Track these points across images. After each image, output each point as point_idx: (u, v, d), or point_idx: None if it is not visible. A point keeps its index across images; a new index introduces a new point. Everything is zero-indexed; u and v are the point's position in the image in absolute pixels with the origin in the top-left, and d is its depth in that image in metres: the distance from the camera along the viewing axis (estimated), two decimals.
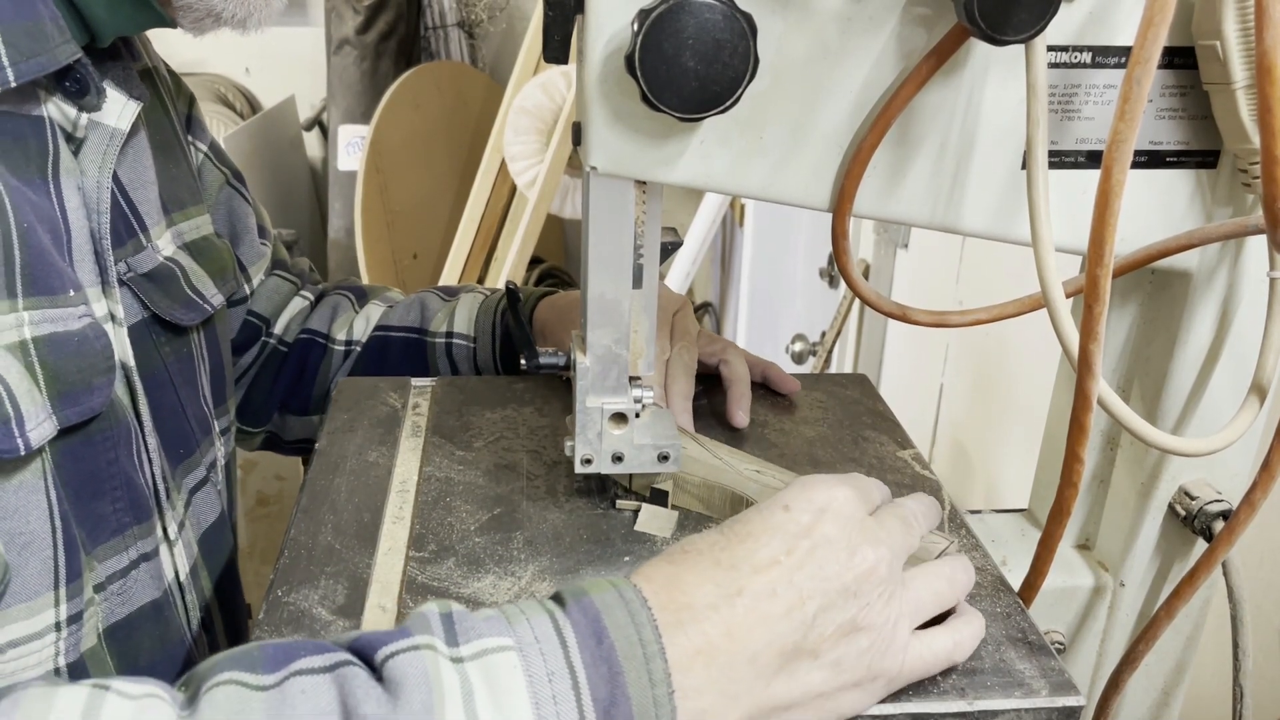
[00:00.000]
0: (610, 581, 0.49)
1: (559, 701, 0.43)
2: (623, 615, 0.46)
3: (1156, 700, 0.77)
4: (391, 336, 0.95)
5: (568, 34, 0.53)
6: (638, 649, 0.45)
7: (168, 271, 0.73)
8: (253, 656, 0.45)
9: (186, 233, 0.77)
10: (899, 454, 0.76)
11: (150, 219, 0.73)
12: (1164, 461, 0.69)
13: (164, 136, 0.77)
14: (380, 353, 0.95)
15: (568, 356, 0.66)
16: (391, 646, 0.45)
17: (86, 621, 0.61)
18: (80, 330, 0.60)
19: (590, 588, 0.48)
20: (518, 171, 2.56)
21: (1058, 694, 0.53)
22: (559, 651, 0.45)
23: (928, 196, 0.59)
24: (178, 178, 0.78)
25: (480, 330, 0.94)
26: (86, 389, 0.60)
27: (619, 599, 0.47)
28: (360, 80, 2.93)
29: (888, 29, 0.54)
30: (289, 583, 0.60)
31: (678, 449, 0.65)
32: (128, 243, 0.70)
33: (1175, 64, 0.57)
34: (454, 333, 0.94)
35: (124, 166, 0.70)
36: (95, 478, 0.62)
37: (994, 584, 0.61)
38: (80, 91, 0.63)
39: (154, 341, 0.71)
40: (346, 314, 0.98)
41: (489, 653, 0.44)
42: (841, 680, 0.49)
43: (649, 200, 0.60)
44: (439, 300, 0.98)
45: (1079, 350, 0.54)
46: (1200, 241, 0.58)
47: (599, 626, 0.46)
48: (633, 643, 0.45)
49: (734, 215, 2.74)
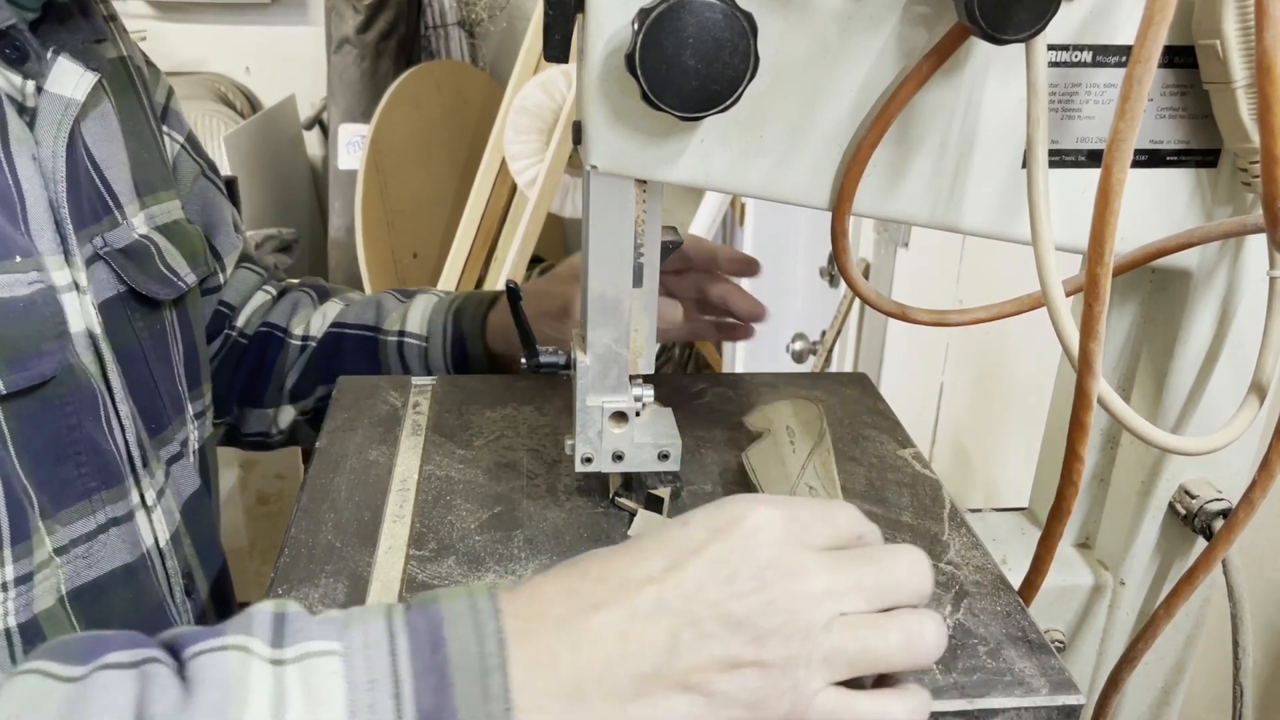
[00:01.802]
0: (468, 590, 0.46)
1: (376, 710, 0.41)
2: (466, 626, 0.44)
3: (1156, 699, 0.78)
4: (346, 333, 0.96)
5: (568, 33, 0.53)
6: (475, 661, 0.43)
7: (142, 248, 0.75)
8: (69, 647, 0.43)
9: (158, 216, 0.79)
10: (899, 453, 0.76)
11: (124, 197, 0.74)
12: (1164, 460, 0.69)
13: (136, 123, 0.78)
14: (334, 349, 0.95)
15: (568, 356, 0.66)
16: (199, 645, 0.43)
17: (40, 583, 0.62)
18: (29, 296, 0.61)
19: (444, 595, 0.46)
20: (518, 171, 2.56)
21: (1058, 693, 0.53)
22: (387, 659, 0.43)
23: (928, 195, 0.59)
24: (149, 163, 0.79)
25: (432, 330, 0.94)
26: (35, 353, 0.61)
27: (469, 608, 0.45)
28: (360, 79, 2.92)
29: (888, 28, 0.54)
30: (289, 581, 0.60)
31: (678, 448, 0.66)
32: (103, 219, 0.71)
33: (1175, 63, 0.57)
34: (406, 331, 0.95)
35: (97, 145, 0.72)
36: (56, 443, 0.63)
37: (994, 583, 0.61)
38: (20, 58, 0.64)
39: (128, 316, 0.73)
40: (306, 310, 0.98)
41: (311, 656, 0.43)
42: (714, 715, 0.45)
43: (649, 199, 0.60)
44: (395, 301, 0.98)
45: (1079, 349, 0.54)
46: (1200, 240, 0.58)
47: (437, 636, 0.43)
48: (470, 655, 0.43)
49: (734, 215, 2.74)
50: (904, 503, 0.70)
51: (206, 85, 3.12)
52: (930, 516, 0.68)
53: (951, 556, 0.64)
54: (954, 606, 0.59)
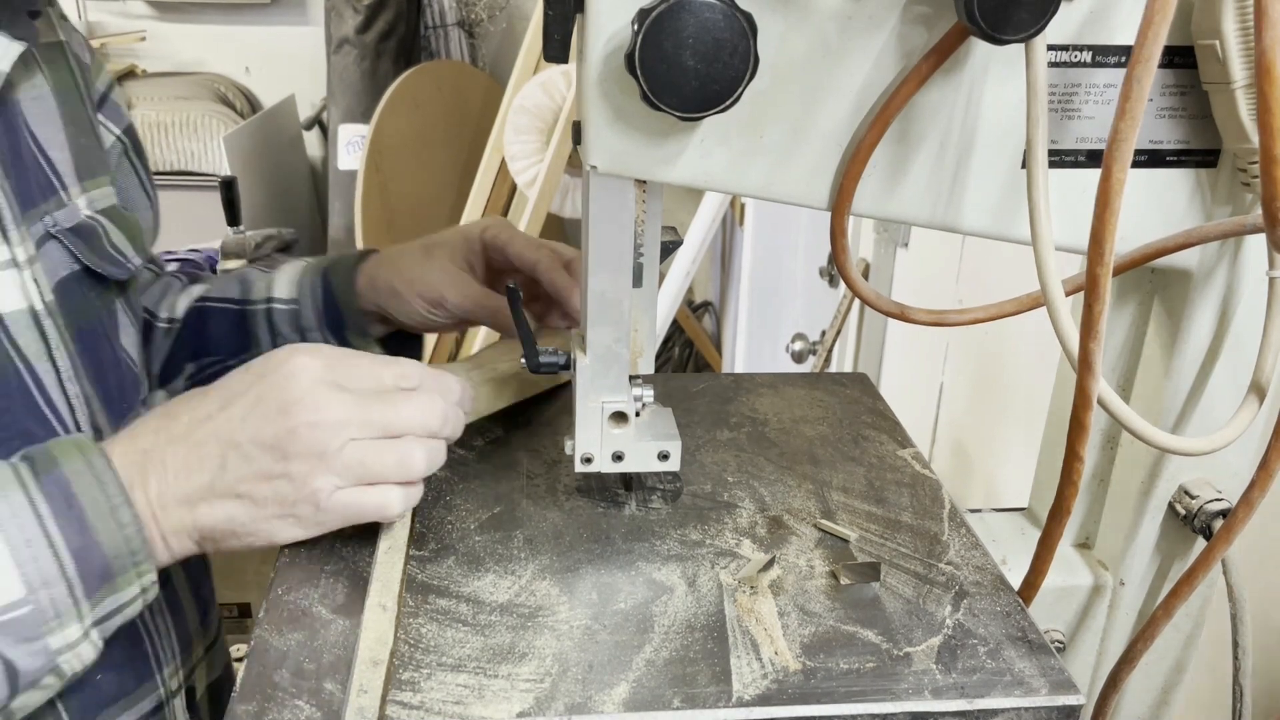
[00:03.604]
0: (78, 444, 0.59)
1: (39, 560, 0.55)
2: (89, 480, 0.57)
3: (1156, 699, 0.78)
4: (209, 307, 0.93)
5: (568, 33, 0.53)
6: (104, 504, 0.57)
7: (90, 228, 0.74)
8: None
9: (98, 200, 0.77)
10: (899, 453, 0.76)
11: (67, 179, 0.74)
12: (1164, 460, 0.69)
13: (73, 108, 0.77)
14: (199, 325, 0.92)
15: (568, 355, 0.66)
16: None
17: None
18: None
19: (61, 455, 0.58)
20: (518, 171, 2.56)
21: (1057, 693, 0.53)
22: (34, 522, 0.56)
23: (927, 195, 0.59)
24: (87, 148, 0.78)
25: (302, 292, 0.90)
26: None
27: (86, 465, 0.58)
28: (360, 79, 2.93)
29: (888, 28, 0.54)
30: (289, 581, 0.60)
31: (677, 448, 0.66)
32: (50, 198, 0.71)
33: (1175, 63, 0.57)
34: (274, 298, 0.91)
35: (38, 124, 0.71)
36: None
37: (994, 583, 0.62)
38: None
39: (84, 294, 0.72)
40: (173, 294, 0.95)
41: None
42: (262, 513, 0.60)
43: (649, 199, 0.60)
44: (260, 273, 0.95)
45: (1079, 349, 0.54)
46: (1199, 240, 0.58)
47: (69, 493, 0.57)
48: (99, 501, 0.57)
49: (734, 215, 2.74)
50: (904, 503, 0.70)
51: (206, 85, 3.12)
52: (930, 517, 0.68)
53: (951, 557, 0.64)
54: (954, 606, 0.59)
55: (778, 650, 0.56)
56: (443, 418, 0.63)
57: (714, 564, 0.63)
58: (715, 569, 0.62)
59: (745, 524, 0.67)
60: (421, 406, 0.62)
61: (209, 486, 0.60)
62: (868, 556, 0.64)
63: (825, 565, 0.63)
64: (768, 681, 0.53)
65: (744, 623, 0.58)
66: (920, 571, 0.62)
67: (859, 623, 0.58)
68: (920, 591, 0.61)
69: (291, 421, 0.59)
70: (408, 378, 0.64)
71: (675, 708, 0.51)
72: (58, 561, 0.56)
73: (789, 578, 0.62)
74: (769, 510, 0.69)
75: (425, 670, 0.54)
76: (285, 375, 0.60)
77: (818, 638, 0.57)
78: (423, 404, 0.62)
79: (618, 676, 0.54)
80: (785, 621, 0.58)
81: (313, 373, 0.60)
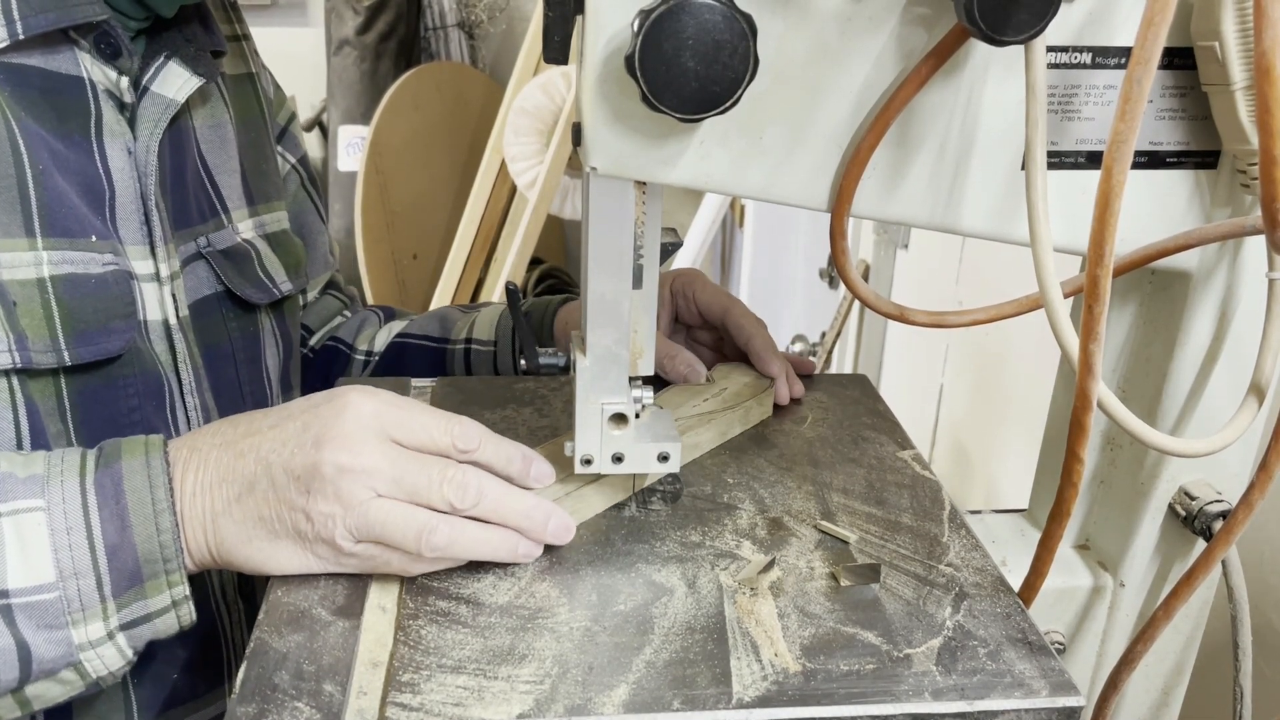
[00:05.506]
0: (144, 444, 0.60)
1: (74, 549, 0.56)
2: (141, 480, 0.58)
3: (1156, 700, 0.78)
4: (409, 344, 0.97)
5: (568, 34, 0.53)
6: (149, 507, 0.57)
7: (243, 251, 0.79)
8: None
9: (268, 224, 0.83)
10: (899, 454, 0.76)
11: (232, 202, 0.78)
12: (1163, 462, 0.69)
13: (256, 135, 0.83)
14: (397, 360, 0.97)
15: (568, 357, 0.66)
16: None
17: None
18: (100, 275, 0.65)
19: (126, 450, 0.59)
20: (518, 172, 2.56)
21: (1057, 694, 0.53)
22: (79, 512, 0.57)
23: (927, 197, 0.59)
24: (266, 174, 0.84)
25: (501, 334, 0.94)
26: (102, 330, 0.65)
27: (144, 465, 0.58)
28: (360, 81, 2.93)
29: (888, 29, 0.54)
30: (289, 583, 0.60)
31: (677, 449, 0.66)
32: (209, 220, 0.75)
33: (1175, 64, 0.57)
34: (473, 339, 0.95)
35: (211, 151, 0.76)
36: (114, 422, 0.67)
37: (994, 584, 0.61)
38: (113, 54, 0.67)
39: (222, 315, 0.77)
40: (372, 328, 1.00)
41: (19, 512, 0.56)
42: (273, 530, 0.59)
43: (649, 200, 0.60)
44: (460, 313, 0.99)
45: (1079, 350, 0.54)
46: (1199, 242, 0.58)
47: (119, 489, 0.57)
48: (145, 502, 0.58)
49: (734, 215, 2.74)
50: (904, 504, 0.70)
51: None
52: (930, 518, 0.68)
53: (951, 558, 0.64)
54: (954, 608, 0.59)
55: (778, 652, 0.56)
56: (478, 494, 0.59)
57: (714, 565, 0.63)
58: (715, 570, 0.62)
59: (745, 525, 0.67)
60: (453, 480, 0.58)
61: (239, 498, 0.59)
62: (868, 558, 0.64)
63: (825, 567, 0.63)
64: (768, 683, 0.53)
65: (744, 624, 0.58)
66: (920, 573, 0.62)
67: (859, 624, 0.58)
68: (920, 593, 0.61)
69: (322, 456, 0.57)
70: (466, 438, 0.60)
71: (675, 709, 0.51)
72: (92, 554, 0.56)
73: (789, 579, 0.62)
74: (769, 511, 0.69)
75: (425, 672, 0.54)
76: (335, 410, 0.58)
77: (818, 639, 0.57)
78: (453, 478, 0.59)
79: (617, 678, 0.54)
80: (785, 623, 0.58)
81: (361, 415, 0.58)
